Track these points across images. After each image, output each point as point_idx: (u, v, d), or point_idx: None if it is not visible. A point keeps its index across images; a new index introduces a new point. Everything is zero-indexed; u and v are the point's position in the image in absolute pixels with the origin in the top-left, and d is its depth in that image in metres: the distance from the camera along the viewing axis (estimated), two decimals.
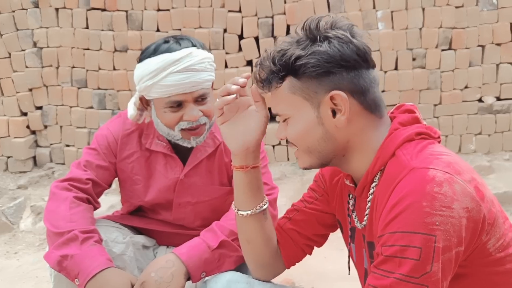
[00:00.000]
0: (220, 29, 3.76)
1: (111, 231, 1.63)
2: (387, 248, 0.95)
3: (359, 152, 1.08)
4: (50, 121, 3.93)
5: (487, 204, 0.97)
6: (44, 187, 3.75)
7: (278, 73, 1.06)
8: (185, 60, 1.49)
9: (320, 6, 3.73)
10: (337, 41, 1.02)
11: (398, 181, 0.97)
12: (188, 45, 1.53)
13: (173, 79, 1.49)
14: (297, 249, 1.32)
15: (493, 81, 3.85)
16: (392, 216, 0.95)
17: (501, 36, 3.77)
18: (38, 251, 3.06)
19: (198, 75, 1.51)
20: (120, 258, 1.60)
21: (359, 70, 1.04)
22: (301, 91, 1.05)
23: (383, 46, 3.75)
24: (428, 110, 3.85)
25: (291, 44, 1.06)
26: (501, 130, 3.88)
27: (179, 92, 1.50)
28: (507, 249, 1.01)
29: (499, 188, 3.44)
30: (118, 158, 1.67)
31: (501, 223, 1.01)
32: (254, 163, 1.23)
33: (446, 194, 0.91)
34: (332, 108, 1.04)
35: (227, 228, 1.51)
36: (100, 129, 1.71)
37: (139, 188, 1.69)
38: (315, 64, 1.02)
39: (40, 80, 3.89)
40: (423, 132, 1.06)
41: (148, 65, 1.51)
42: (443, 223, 0.90)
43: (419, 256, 0.91)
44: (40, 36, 3.84)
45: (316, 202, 1.30)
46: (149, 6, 3.75)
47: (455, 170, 0.96)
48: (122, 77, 3.82)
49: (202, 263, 1.44)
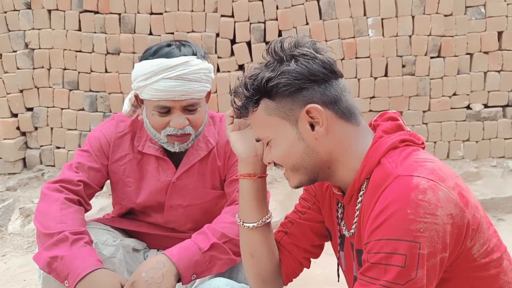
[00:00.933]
0: (212, 33, 3.78)
1: (101, 234, 1.64)
2: (372, 255, 0.97)
3: (343, 163, 1.10)
4: (40, 122, 3.91)
5: (471, 210, 0.99)
6: (34, 189, 3.73)
7: (252, 97, 1.10)
8: (180, 68, 1.50)
9: (312, 12, 3.77)
10: (303, 58, 1.06)
11: (383, 189, 0.99)
12: (188, 52, 1.54)
13: (164, 84, 1.50)
14: (296, 263, 1.32)
15: (481, 88, 3.90)
16: (377, 224, 0.96)
17: (488, 45, 3.84)
18: (26, 253, 3.04)
19: (189, 84, 1.51)
20: (109, 261, 1.60)
21: (328, 82, 1.07)
22: (277, 111, 1.08)
23: (374, 53, 3.80)
24: (417, 117, 3.89)
25: (260, 69, 1.09)
26: (488, 137, 3.94)
27: (168, 98, 1.51)
28: (491, 254, 1.03)
29: (486, 194, 3.48)
30: (110, 160, 1.68)
31: (485, 229, 1.03)
32: (262, 173, 1.25)
33: (430, 201, 0.93)
34: (310, 121, 1.07)
35: (219, 231, 1.52)
36: (93, 131, 1.72)
37: (131, 190, 1.70)
38: (286, 83, 1.05)
39: (31, 81, 3.87)
40: (407, 139, 1.08)
41: (144, 66, 1.53)
42: (428, 230, 0.92)
43: (404, 263, 0.92)
44: (32, 37, 3.83)
45: (309, 212, 1.31)
46: (142, 9, 3.76)
47: (439, 177, 0.97)
48: (114, 80, 3.82)
49: (193, 265, 1.45)
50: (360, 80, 3.83)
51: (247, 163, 1.23)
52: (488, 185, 3.66)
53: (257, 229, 1.26)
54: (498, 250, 1.05)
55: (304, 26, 3.78)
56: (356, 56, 3.80)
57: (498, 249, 1.05)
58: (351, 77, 3.78)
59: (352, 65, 3.80)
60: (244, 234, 1.28)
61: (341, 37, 3.79)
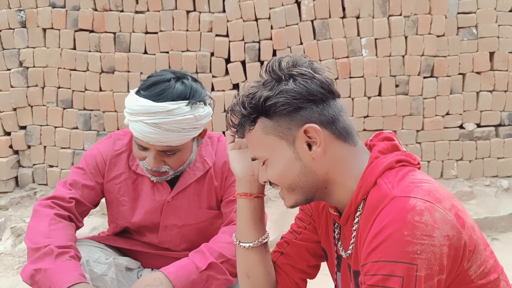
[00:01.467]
0: (207, 52, 3.80)
1: (94, 251, 1.63)
2: (369, 277, 0.96)
3: (340, 183, 1.10)
4: (33, 141, 3.89)
5: (468, 231, 0.98)
6: (25, 208, 3.69)
7: (249, 116, 1.09)
8: (159, 116, 1.45)
9: (306, 32, 3.80)
10: (301, 78, 1.06)
11: (380, 210, 0.98)
12: (182, 94, 1.48)
13: (140, 128, 1.48)
14: (292, 284, 1.31)
15: (474, 108, 3.93)
16: (374, 245, 0.96)
17: (480, 65, 3.88)
18: (17, 274, 2.99)
19: (166, 134, 1.47)
20: (101, 279, 1.59)
21: (326, 102, 1.07)
22: (274, 130, 1.08)
23: (367, 73, 3.83)
24: (411, 136, 3.91)
25: (258, 87, 1.09)
26: (481, 156, 3.96)
27: (143, 140, 1.50)
28: (488, 276, 1.02)
29: (480, 214, 3.49)
30: (106, 179, 1.67)
31: (482, 250, 1.02)
32: (259, 193, 1.24)
33: (427, 222, 0.93)
34: (307, 141, 1.07)
35: (216, 251, 1.51)
36: (90, 149, 1.71)
37: (126, 210, 1.69)
38: (285, 102, 1.05)
39: (25, 99, 3.86)
40: (403, 160, 1.08)
41: (130, 101, 1.52)
42: (425, 252, 0.92)
43: (401, 285, 0.92)
44: (26, 55, 3.83)
45: (305, 232, 1.31)
46: (137, 29, 3.78)
47: (436, 198, 0.97)
48: (108, 98, 3.82)
49: (190, 284, 1.44)
50: (354, 99, 3.85)
51: (244, 182, 1.23)
52: (482, 205, 3.67)
53: (254, 249, 1.25)
54: (495, 271, 1.05)
55: (298, 45, 3.81)
56: (350, 75, 3.83)
57: (495, 270, 1.05)
58: (345, 96, 3.80)
59: (346, 84, 3.83)
60: (240, 254, 1.27)
61: (335, 57, 3.82)
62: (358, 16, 3.81)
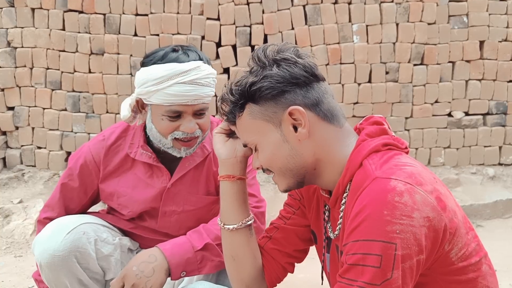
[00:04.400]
0: (198, 36, 3.77)
1: (102, 231, 1.66)
2: (350, 257, 0.98)
3: (328, 165, 1.12)
4: (21, 122, 3.86)
5: (449, 214, 1.00)
6: (13, 189, 3.67)
7: (237, 102, 1.13)
8: (193, 73, 1.50)
9: (297, 17, 3.79)
10: (285, 63, 1.10)
11: (362, 190, 1.00)
12: (195, 57, 1.54)
13: (179, 89, 1.49)
14: (279, 268, 1.33)
15: (462, 96, 3.97)
16: (354, 225, 0.98)
17: (470, 54, 3.90)
18: (5, 254, 2.99)
19: (202, 89, 1.52)
20: (106, 259, 1.63)
21: (310, 85, 1.11)
22: (261, 114, 1.11)
23: (358, 59, 3.83)
24: (400, 123, 3.94)
25: (245, 76, 1.13)
26: (469, 144, 4.00)
27: (181, 103, 1.51)
28: (469, 258, 1.05)
29: (465, 201, 3.54)
30: (102, 178, 1.68)
31: (464, 233, 1.04)
32: (241, 174, 1.27)
33: (407, 203, 0.95)
34: (293, 123, 1.10)
35: (214, 232, 1.53)
36: (81, 151, 1.70)
37: (126, 200, 1.69)
38: (269, 87, 1.09)
39: (13, 80, 3.82)
40: (390, 143, 1.10)
41: (154, 71, 1.50)
42: (403, 232, 0.94)
43: (380, 263, 0.94)
44: (14, 35, 3.78)
45: (294, 217, 1.33)
46: (127, 10, 3.74)
47: (417, 181, 0.99)
48: (98, 80, 3.79)
49: (184, 262, 1.46)
50: (344, 85, 3.86)
51: (227, 164, 1.26)
52: (468, 192, 3.72)
53: (238, 231, 1.27)
54: (477, 254, 1.07)
55: (289, 31, 3.80)
56: (340, 62, 3.84)
57: (477, 254, 1.07)
58: (335, 83, 3.81)
59: (336, 70, 3.83)
60: (225, 236, 1.29)
61: (326, 43, 3.82)
62: (350, 2, 3.81)
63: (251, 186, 1.58)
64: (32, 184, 3.73)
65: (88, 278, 1.59)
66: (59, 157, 3.85)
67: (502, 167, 4.02)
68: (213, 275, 1.63)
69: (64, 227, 1.56)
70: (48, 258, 1.51)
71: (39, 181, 3.75)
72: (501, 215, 3.59)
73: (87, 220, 1.62)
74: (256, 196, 1.63)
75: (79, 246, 1.54)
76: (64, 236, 1.52)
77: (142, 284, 1.39)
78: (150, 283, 1.39)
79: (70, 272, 1.54)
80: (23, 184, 3.73)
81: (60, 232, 1.54)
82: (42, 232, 1.57)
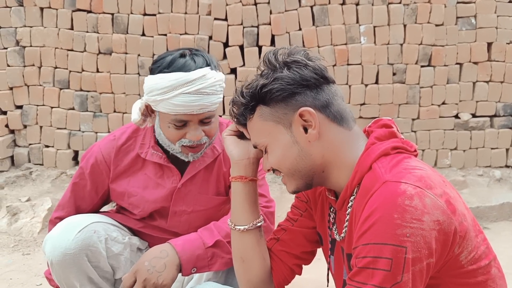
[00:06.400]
0: (205, 36, 3.78)
1: (112, 230, 1.67)
2: (360, 260, 0.98)
3: (336, 167, 1.13)
4: (30, 121, 3.88)
5: (459, 217, 1.00)
6: (21, 187, 3.69)
7: (248, 104, 1.15)
8: (198, 82, 1.48)
9: (305, 18, 3.79)
10: (295, 65, 1.11)
11: (372, 193, 1.01)
12: (203, 64, 1.52)
13: (183, 99, 1.48)
14: (287, 270, 1.34)
15: (469, 98, 3.95)
16: (364, 228, 0.98)
17: (478, 55, 3.89)
18: (13, 252, 3.01)
19: (207, 98, 1.50)
20: (116, 258, 1.64)
21: (320, 87, 1.12)
22: (272, 116, 1.13)
23: (365, 60, 3.83)
24: (406, 125, 3.93)
25: (256, 78, 1.15)
26: (475, 146, 3.99)
27: (186, 113, 1.51)
28: (479, 261, 1.05)
29: (472, 203, 3.52)
30: (112, 178, 1.68)
31: (473, 236, 1.04)
32: (253, 176, 1.28)
33: (417, 207, 0.95)
34: (303, 125, 1.11)
35: (224, 230, 1.54)
36: (91, 152, 1.71)
37: (136, 199, 1.70)
38: (279, 88, 1.10)
39: (22, 79, 3.84)
40: (399, 147, 1.10)
41: (161, 80, 1.50)
42: (414, 235, 0.94)
43: (390, 267, 0.94)
44: (23, 34, 3.80)
45: (301, 219, 1.34)
46: (135, 10, 3.75)
47: (427, 184, 0.99)
48: (105, 80, 3.80)
49: (195, 258, 1.47)
50: (351, 86, 3.86)
51: (240, 165, 1.27)
52: (474, 194, 3.70)
53: (249, 232, 1.28)
54: (487, 257, 1.07)
55: (297, 31, 3.80)
56: (347, 62, 3.84)
57: (487, 257, 1.07)
58: (342, 84, 3.81)
59: (343, 71, 3.83)
60: (236, 237, 1.30)
61: (334, 44, 3.81)
62: (357, 3, 3.80)
63: (261, 187, 1.59)
64: (40, 182, 3.75)
65: (98, 277, 1.60)
66: (66, 155, 3.87)
67: (509, 169, 4.00)
68: (222, 274, 1.64)
69: (75, 225, 1.57)
70: (59, 256, 1.53)
71: (47, 179, 3.77)
72: (508, 217, 3.57)
73: (97, 219, 1.64)
74: (265, 196, 1.64)
75: (90, 244, 1.56)
76: (75, 235, 1.54)
77: (153, 279, 1.40)
78: (161, 278, 1.41)
79: (80, 270, 1.55)
80: (31, 182, 3.75)
81: (71, 231, 1.55)
82: (53, 230, 1.58)
